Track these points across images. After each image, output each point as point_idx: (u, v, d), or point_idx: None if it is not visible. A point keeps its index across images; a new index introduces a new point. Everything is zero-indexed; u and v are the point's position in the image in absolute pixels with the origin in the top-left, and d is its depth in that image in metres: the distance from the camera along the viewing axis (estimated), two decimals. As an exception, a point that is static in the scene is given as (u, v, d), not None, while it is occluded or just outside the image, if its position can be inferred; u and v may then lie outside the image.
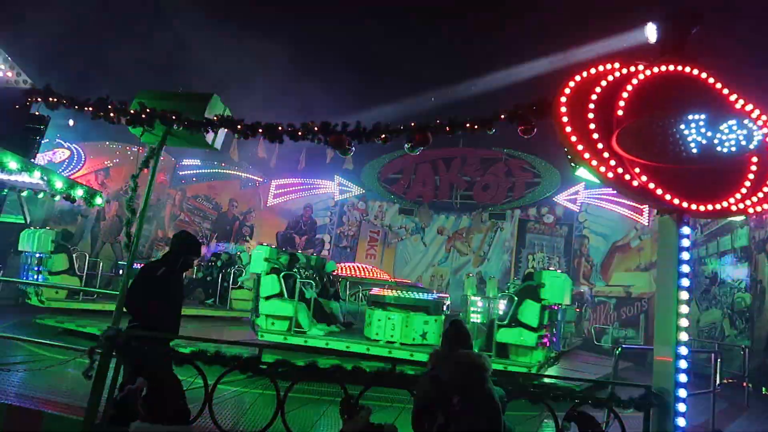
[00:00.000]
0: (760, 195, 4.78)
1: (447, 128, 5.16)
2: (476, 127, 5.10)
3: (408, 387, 4.74)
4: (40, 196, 6.79)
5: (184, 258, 5.21)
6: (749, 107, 4.99)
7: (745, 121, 4.83)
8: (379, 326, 9.98)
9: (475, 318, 11.36)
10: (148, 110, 5.43)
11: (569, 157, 4.89)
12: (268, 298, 10.18)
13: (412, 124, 5.21)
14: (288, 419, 4.84)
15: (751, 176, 4.79)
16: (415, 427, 3.63)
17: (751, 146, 4.80)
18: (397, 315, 9.95)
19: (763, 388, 11.68)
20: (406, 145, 5.39)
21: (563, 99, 4.78)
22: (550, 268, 15.15)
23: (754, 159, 4.83)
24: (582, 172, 5.05)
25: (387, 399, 5.64)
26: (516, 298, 9.36)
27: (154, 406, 4.59)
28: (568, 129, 4.70)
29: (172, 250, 5.26)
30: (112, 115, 5.48)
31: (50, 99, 5.64)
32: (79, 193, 6.96)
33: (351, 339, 10.10)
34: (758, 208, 4.80)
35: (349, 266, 18.33)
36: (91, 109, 5.54)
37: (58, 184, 6.71)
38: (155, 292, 5.00)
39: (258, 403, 6.37)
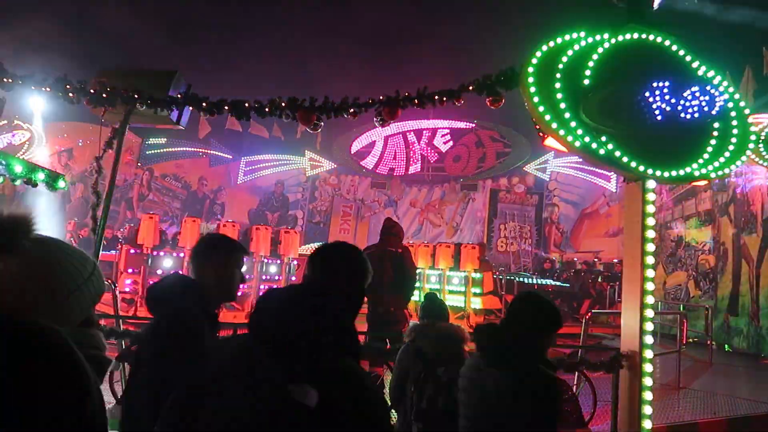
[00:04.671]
0: (722, 160, 4.89)
1: (416, 101, 5.13)
2: (444, 99, 5.08)
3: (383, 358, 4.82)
4: (0, 181, 6.56)
5: None
6: (711, 73, 5.07)
7: (708, 88, 4.92)
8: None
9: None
10: (108, 89, 5.26)
11: (537, 127, 4.92)
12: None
13: (381, 97, 5.17)
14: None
15: (713, 142, 4.90)
16: (393, 396, 3.71)
17: (714, 112, 4.90)
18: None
19: (726, 346, 12.16)
20: (375, 119, 5.35)
21: (530, 69, 4.79)
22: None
23: (716, 125, 4.93)
24: (550, 141, 5.09)
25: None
26: None
27: None
28: (536, 99, 4.71)
29: (399, 236, 6.30)
30: (71, 95, 5.29)
31: (4, 79, 5.41)
32: (40, 177, 6.73)
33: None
34: (720, 173, 4.92)
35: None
36: (48, 89, 5.34)
37: (18, 169, 6.48)
38: None
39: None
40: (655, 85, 4.80)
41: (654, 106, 4.79)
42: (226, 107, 5.28)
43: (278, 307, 1.56)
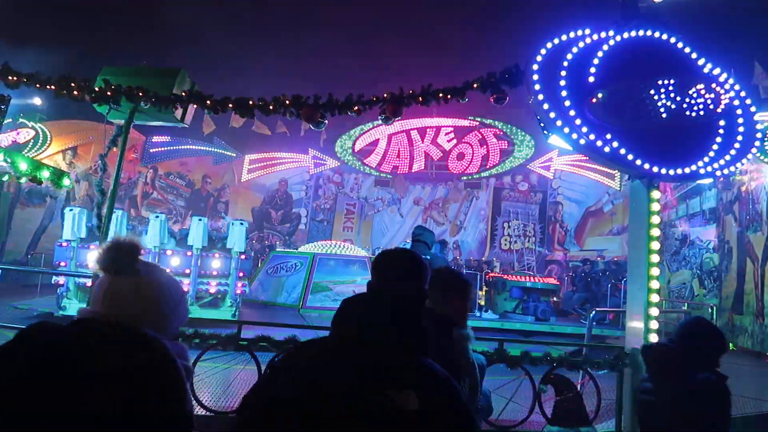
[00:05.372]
0: (728, 158, 4.87)
1: (420, 98, 5.12)
2: (449, 96, 5.07)
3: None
4: (5, 178, 6.59)
5: None
6: (717, 71, 5.05)
7: (713, 85, 4.90)
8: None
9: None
10: (113, 87, 5.27)
11: (542, 124, 4.91)
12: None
13: (385, 95, 5.16)
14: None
15: (718, 139, 4.87)
16: None
17: (719, 110, 4.88)
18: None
19: (731, 345, 12.13)
20: (379, 117, 5.34)
21: (535, 66, 4.78)
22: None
23: (722, 122, 4.91)
24: (555, 139, 5.09)
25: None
26: None
27: None
28: (541, 97, 4.70)
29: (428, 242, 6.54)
30: (75, 93, 5.29)
31: (9, 77, 5.42)
32: (45, 174, 6.77)
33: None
34: (725, 171, 4.90)
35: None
36: (53, 87, 5.35)
37: (23, 166, 6.52)
38: None
39: (239, 379, 6.40)
40: (660, 82, 4.79)
41: (659, 103, 4.77)
42: (230, 105, 5.28)
43: (369, 314, 1.63)
